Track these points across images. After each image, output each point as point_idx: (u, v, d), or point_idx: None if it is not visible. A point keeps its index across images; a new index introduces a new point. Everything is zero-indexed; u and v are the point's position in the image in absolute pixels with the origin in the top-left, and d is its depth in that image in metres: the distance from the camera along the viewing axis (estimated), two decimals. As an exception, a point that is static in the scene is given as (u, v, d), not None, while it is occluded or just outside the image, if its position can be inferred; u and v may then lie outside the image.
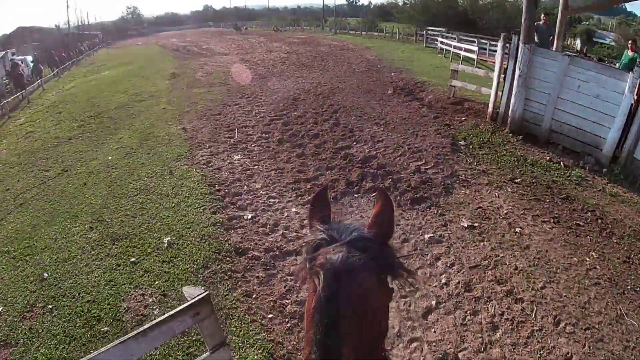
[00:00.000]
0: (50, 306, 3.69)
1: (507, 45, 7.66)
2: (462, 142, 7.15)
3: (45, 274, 4.15)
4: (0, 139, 10.68)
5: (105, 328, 3.38)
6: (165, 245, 4.44)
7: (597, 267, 4.01)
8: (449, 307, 3.49)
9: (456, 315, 3.40)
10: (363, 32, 36.63)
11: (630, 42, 8.26)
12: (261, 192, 5.65)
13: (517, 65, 7.24)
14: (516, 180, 5.78)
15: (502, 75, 7.85)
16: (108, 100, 12.42)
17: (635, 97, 5.92)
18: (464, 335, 3.20)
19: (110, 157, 7.44)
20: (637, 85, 5.87)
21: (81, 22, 54.13)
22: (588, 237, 4.52)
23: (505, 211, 4.98)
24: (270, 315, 3.44)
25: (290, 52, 21.80)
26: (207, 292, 2.01)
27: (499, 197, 5.33)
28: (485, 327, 3.28)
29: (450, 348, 3.10)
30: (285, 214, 5.06)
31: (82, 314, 3.55)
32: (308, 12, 63.59)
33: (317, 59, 18.72)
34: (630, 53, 7.97)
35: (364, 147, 7.03)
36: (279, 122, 8.78)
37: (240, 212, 5.14)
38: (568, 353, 3.05)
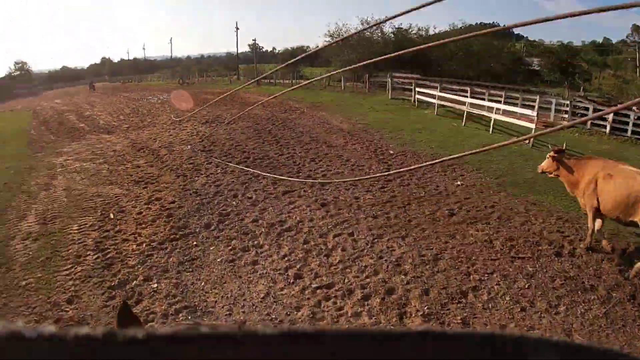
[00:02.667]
0: None
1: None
2: None
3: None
4: None
5: None
6: None
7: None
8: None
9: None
10: (293, 81, 30.51)
11: None
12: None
13: None
14: None
15: None
16: None
17: None
18: None
19: None
20: None
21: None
22: None
23: None
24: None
25: (215, 125, 13.57)
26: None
27: None
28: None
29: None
30: None
31: None
32: (213, 60, 56.40)
33: (272, 143, 10.71)
34: None
35: None
36: None
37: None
38: None
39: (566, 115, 13.13)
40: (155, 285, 4.39)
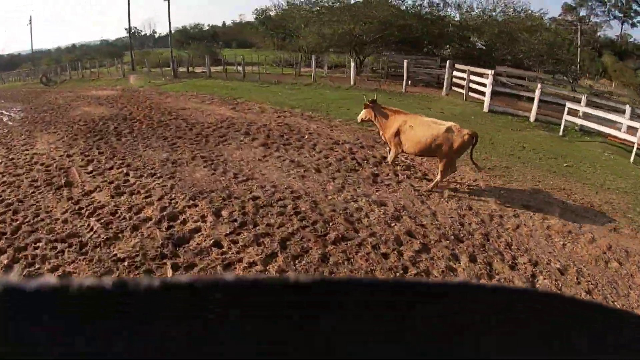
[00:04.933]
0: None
1: None
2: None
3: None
4: None
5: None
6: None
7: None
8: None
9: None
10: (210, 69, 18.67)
11: None
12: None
13: None
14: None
15: None
16: None
17: None
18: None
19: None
20: None
21: None
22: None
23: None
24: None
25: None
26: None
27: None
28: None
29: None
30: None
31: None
32: (87, 50, 38.20)
33: None
34: None
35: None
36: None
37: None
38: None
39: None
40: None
